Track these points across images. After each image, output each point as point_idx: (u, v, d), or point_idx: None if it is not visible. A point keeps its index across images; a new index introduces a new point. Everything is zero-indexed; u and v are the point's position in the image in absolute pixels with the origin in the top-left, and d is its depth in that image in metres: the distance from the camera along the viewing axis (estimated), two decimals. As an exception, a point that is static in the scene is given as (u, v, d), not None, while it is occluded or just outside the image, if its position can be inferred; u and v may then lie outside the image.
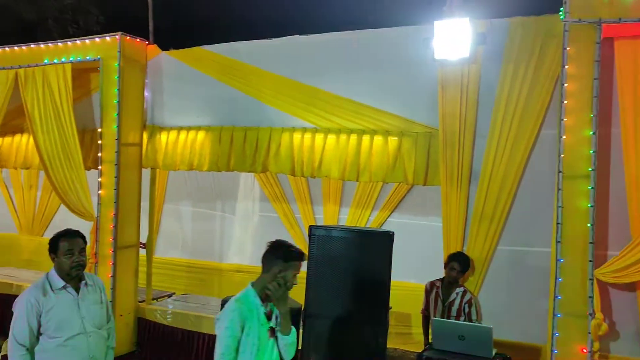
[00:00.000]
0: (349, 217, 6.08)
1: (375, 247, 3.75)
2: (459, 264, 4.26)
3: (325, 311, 3.72)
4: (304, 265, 4.16)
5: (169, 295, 6.15)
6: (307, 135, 4.96)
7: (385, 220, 5.91)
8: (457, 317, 4.27)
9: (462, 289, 4.33)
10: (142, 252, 5.77)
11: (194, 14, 14.57)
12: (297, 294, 4.29)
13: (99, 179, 5.40)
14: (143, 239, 5.77)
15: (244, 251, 6.81)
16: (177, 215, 7.19)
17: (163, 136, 5.65)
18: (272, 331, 2.71)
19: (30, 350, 3.06)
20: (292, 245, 2.86)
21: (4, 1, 13.02)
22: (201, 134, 5.47)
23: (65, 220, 7.59)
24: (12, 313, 5.76)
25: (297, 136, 5.00)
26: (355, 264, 3.67)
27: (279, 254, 2.79)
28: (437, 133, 4.46)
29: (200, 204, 7.09)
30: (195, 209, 7.14)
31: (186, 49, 5.50)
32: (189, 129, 5.55)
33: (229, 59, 5.24)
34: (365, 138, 4.72)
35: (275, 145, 5.08)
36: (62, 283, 3.12)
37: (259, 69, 5.10)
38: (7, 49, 5.89)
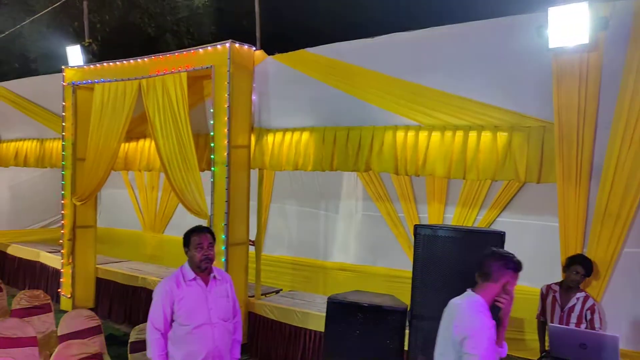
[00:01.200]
0: (454, 217, 5.90)
1: (484, 247, 3.59)
2: (583, 267, 3.94)
3: (432, 312, 3.63)
4: (410, 265, 4.11)
5: (277, 292, 6.36)
6: (411, 133, 4.88)
7: (494, 220, 5.65)
8: (578, 325, 3.95)
9: (583, 294, 4.00)
10: (251, 249, 6.02)
11: (298, 19, 14.97)
12: (403, 294, 4.25)
13: (212, 180, 5.72)
14: (252, 236, 6.02)
15: (347, 250, 6.86)
16: (283, 214, 7.42)
17: (269, 138, 5.85)
18: None
19: (164, 335, 3.35)
20: (514, 254, 2.68)
21: (131, 19, 14.29)
22: (305, 135, 5.60)
23: (182, 218, 8.18)
24: (139, 302, 6.30)
25: (400, 134, 4.94)
26: (464, 264, 3.54)
27: (509, 264, 2.63)
28: (551, 127, 4.16)
29: (305, 203, 7.25)
30: (300, 208, 7.32)
31: (290, 52, 5.65)
32: (293, 130, 5.70)
33: (332, 59, 5.30)
34: (472, 134, 4.54)
35: (378, 144, 5.05)
36: (192, 275, 3.37)
37: (362, 68, 5.10)
38: (132, 61, 6.45)
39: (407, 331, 3.87)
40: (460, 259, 3.59)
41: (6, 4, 13.97)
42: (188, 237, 3.41)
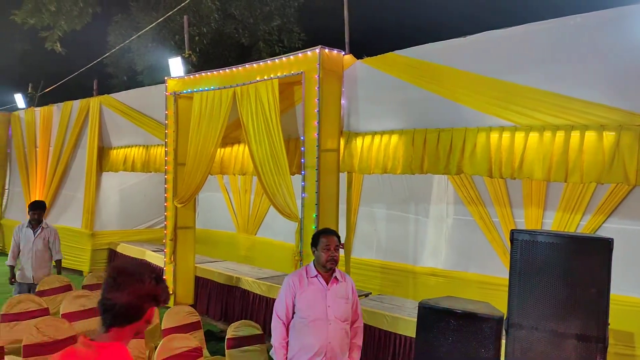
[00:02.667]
0: (554, 222, 5.56)
1: (589, 255, 3.36)
2: None
3: (530, 321, 3.46)
4: (504, 272, 3.94)
5: (366, 295, 6.36)
6: (506, 134, 4.68)
7: (599, 226, 5.26)
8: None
9: None
10: (340, 252, 6.06)
11: (386, 22, 14.93)
12: (497, 302, 4.08)
13: (302, 183, 5.84)
14: (341, 240, 6.06)
15: (438, 255, 6.71)
16: (371, 217, 7.41)
17: (358, 141, 5.87)
18: None
19: (286, 324, 3.62)
20: None
21: (226, 30, 14.99)
22: (394, 138, 5.56)
23: (273, 221, 8.45)
24: (234, 300, 6.51)
25: (494, 135, 4.76)
26: (566, 272, 3.33)
27: None
28: (666, 125, 3.82)
29: (394, 207, 7.19)
30: (389, 211, 7.27)
31: (379, 55, 5.64)
32: (382, 133, 5.68)
33: (421, 61, 5.23)
34: (575, 134, 4.27)
35: (470, 145, 4.90)
36: (315, 272, 3.62)
37: (452, 68, 4.98)
38: (227, 70, 6.76)
39: (503, 341, 3.71)
40: (563, 267, 3.38)
41: (116, 22, 15.23)
42: (317, 237, 3.66)
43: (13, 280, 6.54)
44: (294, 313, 3.63)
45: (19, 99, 13.12)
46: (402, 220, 7.08)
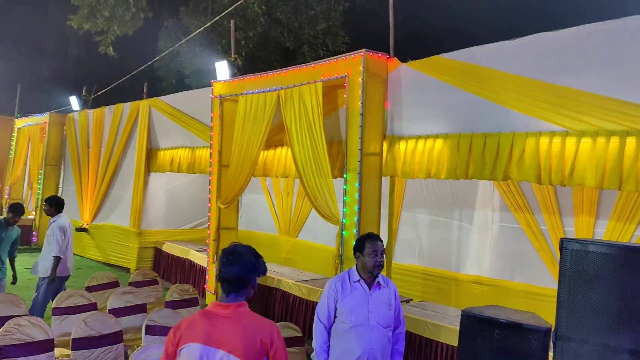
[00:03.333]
0: (607, 231, 5.33)
1: (646, 267, 3.19)
2: None
3: (580, 334, 3.31)
4: (552, 282, 3.80)
5: (407, 301, 6.28)
6: (556, 140, 4.51)
7: (656, 237, 5.02)
8: None
9: None
10: (382, 257, 6.00)
11: (432, 25, 14.75)
12: (543, 313, 3.93)
13: (344, 187, 5.83)
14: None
15: (482, 262, 6.54)
16: (413, 222, 7.31)
17: (402, 145, 5.81)
18: None
19: (327, 328, 3.63)
20: None
21: (272, 34, 15.21)
22: (439, 142, 5.46)
23: (314, 224, 8.46)
24: (274, 301, 6.55)
25: (544, 141, 4.60)
26: (619, 284, 3.17)
27: None
28: None
29: (437, 212, 7.07)
30: (432, 217, 7.15)
31: (424, 58, 5.57)
32: (426, 137, 5.59)
33: (468, 64, 5.13)
34: (630, 140, 4.07)
35: (518, 151, 4.76)
36: (357, 277, 3.60)
37: (500, 72, 4.85)
38: (272, 73, 6.83)
39: (550, 353, 3.57)
40: (616, 278, 3.22)
41: (166, 27, 15.68)
42: (362, 243, 3.64)
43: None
44: (335, 317, 3.61)
45: (74, 102, 13.69)
46: (446, 227, 6.95)
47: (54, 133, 13.48)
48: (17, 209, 6.42)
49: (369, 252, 3.56)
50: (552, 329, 3.52)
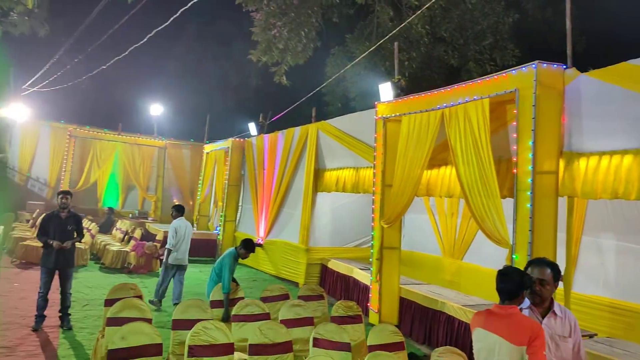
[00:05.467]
0: None
1: None
2: None
3: None
4: None
5: (590, 336, 5.61)
6: None
7: None
8: None
9: None
10: (560, 285, 5.47)
11: (613, 31, 13.23)
12: None
13: (514, 207, 5.47)
14: (560, 271, 5.47)
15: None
16: (597, 248, 6.54)
17: (582, 162, 5.27)
18: None
19: None
20: None
21: (435, 53, 15.08)
22: (628, 158, 4.84)
23: (481, 246, 8.07)
24: (438, 324, 6.36)
25: None
26: None
27: None
28: None
29: (626, 238, 6.24)
30: (620, 242, 6.33)
31: (608, 66, 5.02)
32: (612, 153, 5.00)
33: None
34: None
35: None
36: (527, 304, 3.36)
37: None
38: (435, 92, 6.76)
39: None
40: None
41: (333, 54, 16.52)
42: (527, 267, 3.45)
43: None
44: None
45: (252, 127, 15.10)
46: (637, 254, 6.09)
47: (235, 156, 14.99)
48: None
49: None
50: None
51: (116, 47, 11.71)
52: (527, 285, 3.18)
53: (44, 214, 7.68)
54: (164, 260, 8.23)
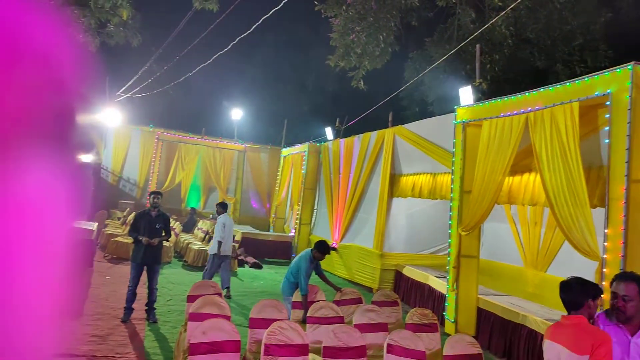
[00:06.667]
0: None
1: None
2: None
3: None
4: None
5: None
6: None
7: None
8: None
9: None
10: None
11: None
12: None
13: (605, 218, 5.13)
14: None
15: None
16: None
17: (684, 171, 4.86)
18: None
19: None
20: None
21: (520, 55, 14.50)
22: None
23: (568, 257, 7.63)
24: (519, 338, 6.15)
25: None
26: None
27: None
28: None
29: None
30: None
31: None
32: None
33: None
34: None
35: None
36: (613, 320, 3.19)
37: None
38: (519, 95, 6.49)
39: None
40: None
41: (411, 58, 16.34)
42: (613, 280, 3.25)
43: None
44: None
45: (328, 132, 15.25)
46: None
47: (311, 160, 15.21)
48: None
49: (611, 290, 3.13)
50: None
51: (201, 55, 12.29)
52: (592, 294, 3.08)
53: (135, 212, 8.18)
54: (215, 251, 8.95)
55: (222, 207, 9.50)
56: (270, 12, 9.48)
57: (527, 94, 6.38)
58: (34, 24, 0.88)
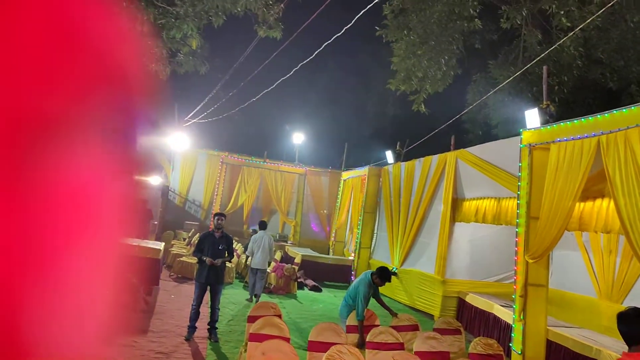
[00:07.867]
0: None
1: None
2: None
3: None
4: None
5: None
6: None
7: None
8: None
9: None
10: None
11: None
12: None
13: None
14: None
15: None
16: None
17: None
18: None
19: None
20: None
21: (591, 77, 13.93)
22: None
23: (647, 290, 7.13)
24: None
25: None
26: None
27: None
28: None
29: None
30: None
31: None
32: None
33: None
34: None
35: None
36: None
37: None
38: (590, 118, 6.22)
39: None
40: None
41: (474, 81, 16.07)
42: None
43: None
44: None
45: (389, 155, 15.18)
46: None
47: (371, 184, 15.16)
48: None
49: None
50: None
51: (264, 81, 12.66)
52: None
53: (200, 233, 8.44)
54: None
55: (259, 225, 10.86)
56: (332, 39, 9.66)
57: (599, 116, 6.11)
58: (115, 54, 0.95)
